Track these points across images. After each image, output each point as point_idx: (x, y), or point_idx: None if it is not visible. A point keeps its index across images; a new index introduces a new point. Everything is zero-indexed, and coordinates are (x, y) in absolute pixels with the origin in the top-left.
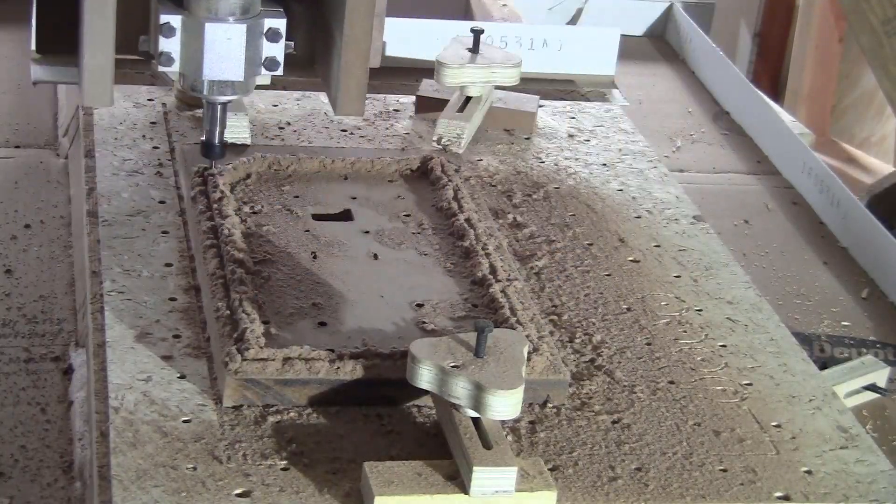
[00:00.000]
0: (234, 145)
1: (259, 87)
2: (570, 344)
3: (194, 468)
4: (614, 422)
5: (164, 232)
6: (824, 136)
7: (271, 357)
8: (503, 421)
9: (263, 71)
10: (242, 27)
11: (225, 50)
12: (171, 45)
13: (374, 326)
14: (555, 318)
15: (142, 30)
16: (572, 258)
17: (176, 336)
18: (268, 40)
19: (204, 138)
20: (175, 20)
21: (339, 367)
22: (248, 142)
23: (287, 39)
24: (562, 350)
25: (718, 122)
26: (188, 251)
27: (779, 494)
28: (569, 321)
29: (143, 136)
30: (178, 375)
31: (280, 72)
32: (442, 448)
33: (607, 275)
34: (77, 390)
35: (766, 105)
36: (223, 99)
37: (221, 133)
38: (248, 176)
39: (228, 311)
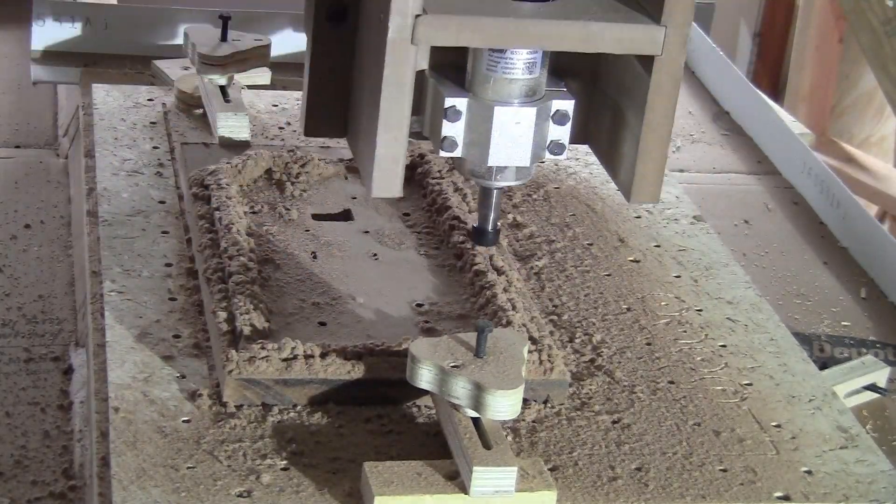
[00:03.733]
0: (233, 144)
1: (259, 87)
2: (570, 344)
3: (194, 468)
4: (614, 422)
5: (164, 232)
6: (824, 136)
7: (271, 357)
8: (503, 421)
9: (548, 154)
10: (532, 110)
11: (513, 135)
12: (455, 130)
13: (374, 326)
14: (555, 318)
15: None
16: (572, 258)
17: (176, 336)
18: (554, 123)
19: (476, 224)
20: (461, 104)
21: (339, 367)
22: (249, 141)
23: None
24: (561, 350)
25: (718, 122)
26: (188, 251)
27: (779, 494)
28: (569, 321)
29: (143, 136)
30: (178, 375)
31: (564, 155)
32: (442, 448)
33: (607, 275)
34: (77, 390)
35: (766, 105)
36: (502, 184)
37: (496, 220)
38: (248, 176)
39: (228, 311)
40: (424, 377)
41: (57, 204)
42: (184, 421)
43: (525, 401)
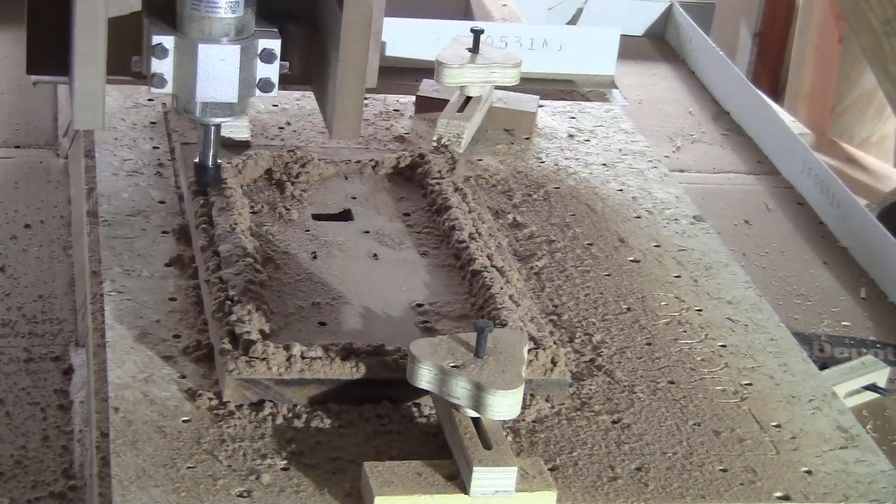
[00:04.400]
0: (234, 144)
1: None
2: (570, 344)
3: (194, 468)
4: (614, 422)
5: (164, 232)
6: (824, 136)
7: (271, 357)
8: (503, 421)
9: (258, 92)
10: (236, 48)
11: (219, 71)
12: (163, 67)
13: (374, 326)
14: (555, 318)
15: (134, 49)
16: (572, 258)
17: (176, 336)
18: (262, 61)
19: (197, 160)
20: (168, 41)
21: (339, 367)
22: (249, 141)
23: (282, 60)
24: (561, 349)
25: (718, 122)
26: (188, 251)
27: (779, 494)
28: (569, 321)
29: (143, 136)
30: (178, 375)
31: (275, 93)
32: (442, 448)
33: (607, 275)
34: (77, 390)
35: (766, 105)
36: (216, 121)
37: (215, 156)
38: (248, 176)
39: (228, 311)
40: (424, 377)
41: (57, 204)
42: (184, 421)
43: (533, 396)
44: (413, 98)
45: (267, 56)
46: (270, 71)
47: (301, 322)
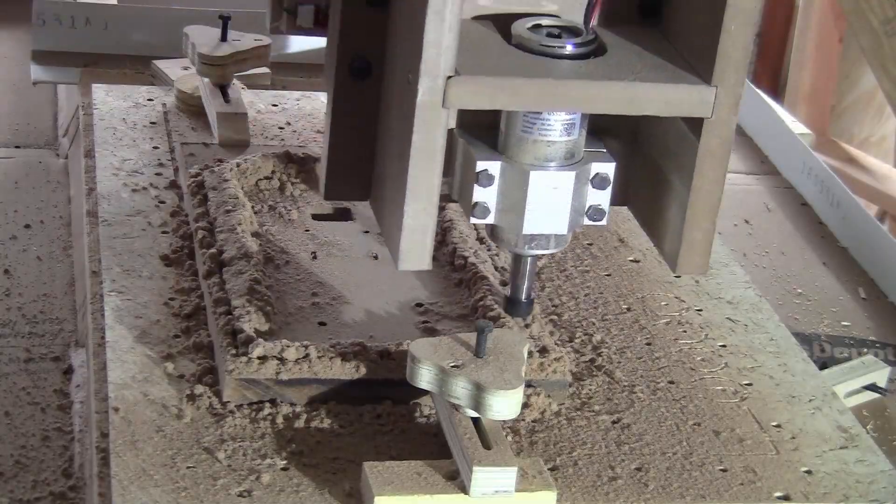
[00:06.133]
0: (233, 144)
1: (259, 87)
2: (569, 344)
3: (194, 468)
4: (614, 422)
5: (164, 232)
6: (824, 136)
7: (271, 357)
8: (503, 421)
9: (586, 221)
10: (571, 174)
11: (550, 200)
12: (487, 195)
13: (374, 326)
14: (555, 318)
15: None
16: (572, 258)
17: (176, 336)
18: (594, 187)
19: (509, 294)
20: (494, 167)
21: (339, 367)
22: (248, 141)
23: None
24: (562, 349)
25: None
26: (188, 251)
27: (779, 494)
28: (569, 321)
29: (143, 136)
30: (178, 375)
31: (604, 222)
32: (442, 448)
33: (607, 275)
34: (77, 390)
35: (766, 105)
36: (537, 252)
37: (530, 289)
38: (249, 176)
39: (228, 311)
40: (424, 377)
41: (57, 204)
42: (184, 421)
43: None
44: None
45: (600, 182)
46: (602, 198)
47: (301, 322)
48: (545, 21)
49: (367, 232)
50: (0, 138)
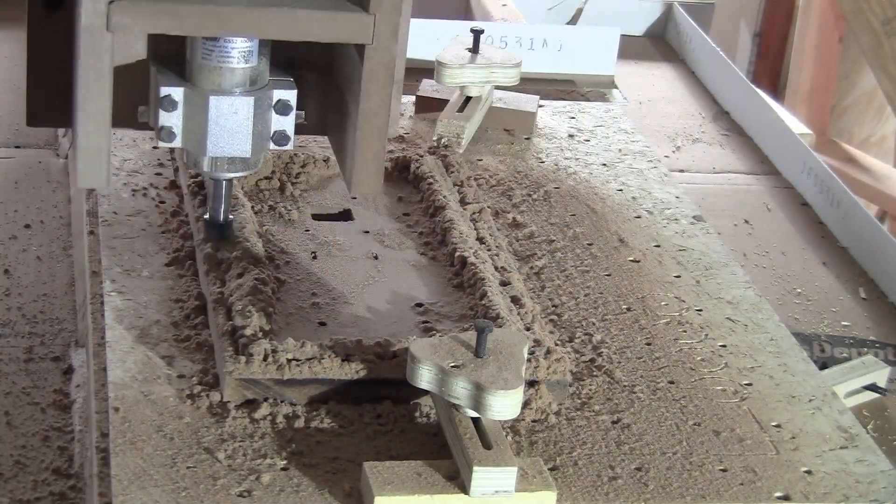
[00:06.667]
0: None
1: None
2: (569, 344)
3: (194, 468)
4: (614, 422)
5: (164, 232)
6: (824, 136)
7: (271, 357)
8: (503, 421)
9: (272, 145)
10: (249, 100)
11: (231, 124)
12: (172, 119)
13: (374, 326)
14: (555, 317)
15: (141, 99)
16: (572, 258)
17: (176, 336)
18: (277, 113)
19: (207, 216)
20: (177, 93)
21: (339, 367)
22: None
23: (297, 109)
24: (563, 349)
25: (718, 122)
26: (189, 251)
27: (779, 494)
28: (569, 321)
29: (144, 136)
30: (178, 375)
31: (290, 146)
32: (442, 448)
33: (607, 275)
34: (77, 390)
35: (766, 105)
36: (228, 176)
37: (227, 211)
38: (249, 176)
39: (228, 311)
40: (424, 377)
41: (57, 204)
42: (184, 421)
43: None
44: (413, 98)
45: (282, 108)
46: (286, 123)
47: (301, 322)
48: None
49: (367, 232)
50: (0, 138)
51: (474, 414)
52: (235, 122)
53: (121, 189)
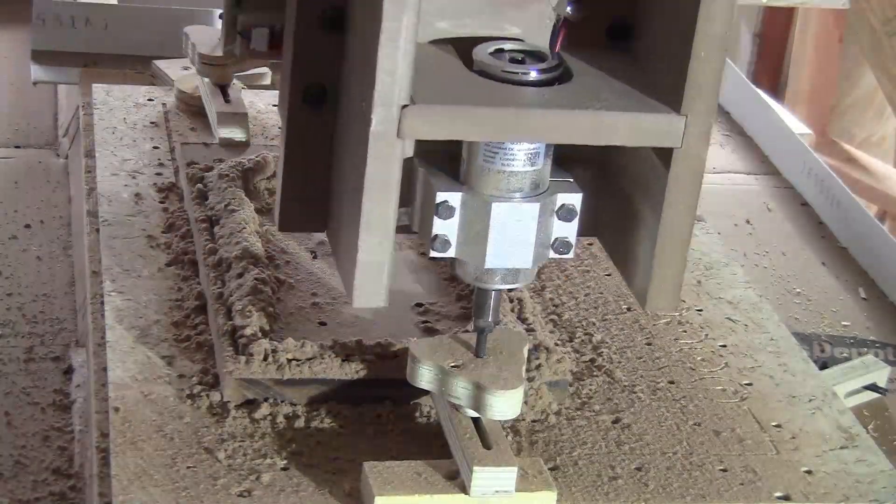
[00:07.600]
0: (233, 144)
1: (259, 86)
2: (569, 344)
3: (194, 468)
4: (614, 422)
5: (165, 232)
6: (824, 136)
7: (271, 357)
8: (503, 421)
9: (551, 253)
10: (535, 206)
11: (513, 233)
12: (448, 227)
13: (374, 326)
14: (555, 317)
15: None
16: (572, 258)
17: (176, 336)
18: (560, 219)
19: (472, 327)
20: (454, 198)
21: (339, 367)
22: (248, 141)
23: None
24: (563, 349)
25: (718, 122)
26: (189, 251)
27: (779, 494)
28: (569, 321)
29: (143, 136)
30: (178, 375)
31: (571, 254)
32: (442, 448)
33: (607, 275)
34: (77, 390)
35: (766, 105)
36: (500, 287)
37: (495, 321)
38: (249, 176)
39: (229, 311)
40: (424, 377)
41: (57, 204)
42: (184, 421)
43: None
44: None
45: (566, 214)
46: (568, 230)
47: (301, 322)
48: (508, 45)
49: None
50: (0, 138)
51: (474, 414)
52: (518, 230)
53: (121, 189)
